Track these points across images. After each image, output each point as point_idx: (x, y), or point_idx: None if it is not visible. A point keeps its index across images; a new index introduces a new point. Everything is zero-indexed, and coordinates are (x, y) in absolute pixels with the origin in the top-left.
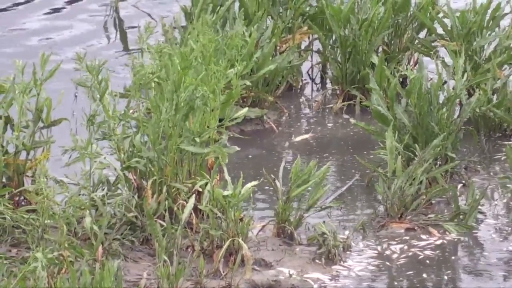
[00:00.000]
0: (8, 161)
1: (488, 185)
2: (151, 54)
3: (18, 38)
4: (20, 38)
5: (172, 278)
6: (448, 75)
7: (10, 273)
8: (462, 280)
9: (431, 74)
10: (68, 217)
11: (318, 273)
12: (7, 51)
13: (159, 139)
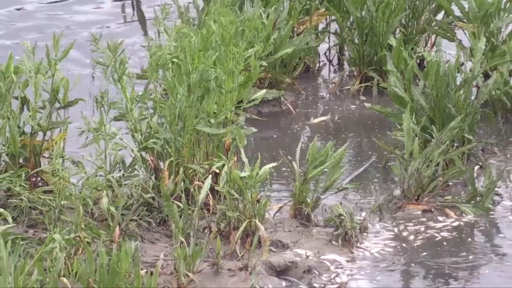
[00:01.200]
0: (25, 142)
1: (505, 167)
2: (167, 35)
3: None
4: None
5: (189, 259)
6: (465, 57)
7: (27, 254)
8: (479, 262)
9: (448, 56)
10: (84, 198)
11: (334, 254)
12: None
13: (175, 120)
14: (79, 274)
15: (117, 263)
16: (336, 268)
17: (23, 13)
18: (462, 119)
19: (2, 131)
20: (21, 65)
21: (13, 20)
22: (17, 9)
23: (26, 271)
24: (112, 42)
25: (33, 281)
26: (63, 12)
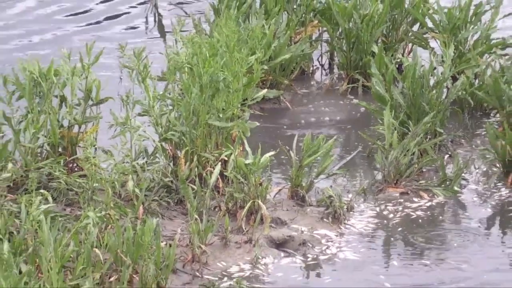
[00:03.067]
0: (63, 134)
1: (470, 156)
2: (183, 43)
3: (69, 28)
4: (70, 30)
5: (202, 234)
6: (437, 62)
7: (65, 229)
8: (448, 236)
9: (422, 62)
10: (113, 181)
11: (325, 230)
12: (58, 42)
13: (190, 116)
14: (109, 245)
15: (141, 237)
16: (326, 242)
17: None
18: (434, 115)
19: (44, 125)
20: (60, 68)
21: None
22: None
23: (64, 243)
24: (137, 49)
25: (70, 252)
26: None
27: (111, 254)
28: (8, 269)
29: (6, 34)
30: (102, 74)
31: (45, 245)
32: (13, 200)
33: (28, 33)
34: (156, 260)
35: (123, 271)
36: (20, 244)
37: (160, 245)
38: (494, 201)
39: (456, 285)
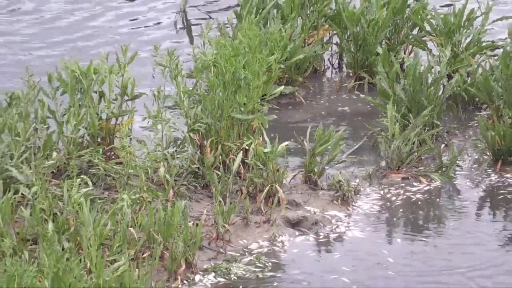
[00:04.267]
0: (102, 125)
1: (464, 145)
2: (210, 45)
3: (110, 31)
4: (111, 32)
5: (225, 214)
6: (434, 62)
7: (103, 210)
8: (444, 216)
9: (422, 61)
10: (146, 168)
11: (335, 211)
12: (98, 44)
13: (215, 109)
14: (142, 225)
15: (171, 217)
16: (336, 221)
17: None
18: (432, 109)
19: (85, 117)
20: (98, 67)
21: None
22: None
23: (102, 223)
24: (170, 49)
25: (108, 231)
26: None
27: (144, 232)
28: (52, 246)
29: (52, 39)
30: (136, 72)
31: (85, 224)
32: (57, 184)
33: (75, 38)
34: (184, 238)
35: (155, 248)
36: (63, 224)
37: (188, 225)
38: (484, 185)
39: (451, 259)
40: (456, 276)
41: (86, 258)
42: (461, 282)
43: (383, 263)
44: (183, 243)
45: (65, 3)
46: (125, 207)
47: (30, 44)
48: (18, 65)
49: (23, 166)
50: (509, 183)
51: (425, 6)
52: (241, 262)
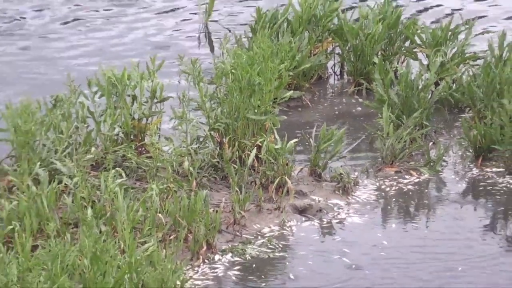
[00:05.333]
0: (134, 124)
1: (449, 143)
2: (228, 55)
3: (138, 42)
4: (141, 42)
5: (241, 202)
6: (424, 70)
7: (135, 198)
8: (432, 204)
9: (413, 70)
10: (172, 161)
11: (337, 200)
12: (130, 54)
13: (233, 111)
14: (169, 211)
15: (194, 204)
16: (338, 209)
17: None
18: (422, 111)
19: (119, 117)
20: (131, 74)
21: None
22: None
23: (134, 209)
24: (193, 59)
25: (139, 216)
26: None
27: (171, 218)
28: (91, 229)
29: (91, 49)
30: (164, 78)
31: (120, 211)
32: (95, 176)
33: (110, 48)
34: (205, 223)
35: (180, 231)
36: (100, 210)
37: (209, 211)
38: (467, 178)
39: (438, 242)
40: (441, 252)
41: (120, 240)
42: (444, 257)
43: (378, 245)
44: (204, 227)
45: (100, 17)
46: (154, 196)
47: (69, 53)
48: (60, 72)
49: (66, 160)
50: (488, 176)
51: (415, 21)
52: (255, 244)
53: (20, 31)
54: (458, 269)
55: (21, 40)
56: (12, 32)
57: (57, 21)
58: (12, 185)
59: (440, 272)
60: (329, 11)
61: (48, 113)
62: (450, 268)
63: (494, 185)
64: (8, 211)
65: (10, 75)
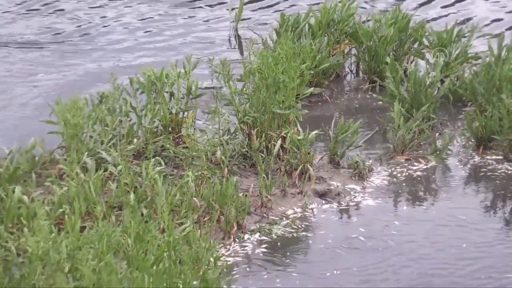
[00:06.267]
0: (172, 118)
1: (453, 134)
2: (255, 56)
3: (177, 44)
4: (178, 44)
5: (268, 187)
6: (431, 69)
7: (173, 184)
8: (438, 187)
9: (421, 68)
10: (206, 151)
11: (353, 185)
12: (171, 52)
13: (260, 106)
14: (203, 195)
15: (226, 189)
16: (354, 193)
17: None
18: (429, 105)
19: (158, 112)
20: (169, 72)
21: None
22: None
23: (172, 194)
24: (223, 59)
25: (176, 200)
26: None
27: (205, 201)
28: (134, 212)
29: (131, 51)
30: (198, 76)
31: (159, 195)
32: (137, 164)
33: (150, 49)
34: (236, 206)
35: (213, 213)
36: (142, 194)
37: (239, 195)
38: (469, 165)
39: (444, 221)
40: (447, 230)
41: (160, 221)
42: (449, 234)
43: (390, 225)
44: (235, 210)
45: (142, 22)
46: (190, 182)
47: (112, 54)
48: (106, 72)
49: (111, 150)
50: (488, 163)
51: (423, 25)
52: (280, 224)
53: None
54: (463, 246)
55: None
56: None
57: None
58: (62, 173)
59: (446, 248)
60: (346, 16)
61: (94, 108)
62: (454, 244)
63: (493, 170)
64: (59, 196)
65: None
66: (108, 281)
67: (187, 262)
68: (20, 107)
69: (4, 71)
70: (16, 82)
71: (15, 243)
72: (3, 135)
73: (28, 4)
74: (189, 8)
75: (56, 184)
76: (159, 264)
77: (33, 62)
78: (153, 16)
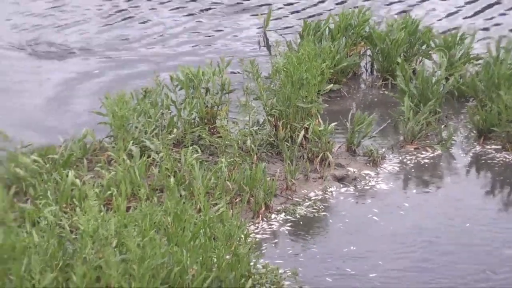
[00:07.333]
0: (207, 111)
1: (457, 126)
2: (281, 56)
3: (212, 45)
4: (212, 46)
5: (292, 172)
6: (437, 68)
7: (208, 169)
8: (443, 173)
9: (428, 68)
10: (238, 140)
11: (368, 170)
12: (202, 51)
13: (286, 100)
14: (235, 179)
15: (255, 174)
16: (369, 178)
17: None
18: (435, 100)
19: (196, 105)
20: (205, 71)
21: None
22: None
23: (207, 178)
24: (252, 59)
25: (211, 183)
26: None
27: (236, 185)
28: (173, 194)
29: (171, 51)
30: (230, 74)
31: (196, 179)
32: (177, 151)
33: (186, 50)
34: (264, 189)
35: (244, 196)
36: (181, 178)
37: (267, 179)
38: (471, 153)
39: (448, 203)
40: (451, 209)
41: (196, 202)
42: (452, 214)
43: (401, 206)
44: (263, 192)
45: (183, 28)
46: (223, 167)
47: (153, 56)
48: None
49: (153, 139)
50: (488, 152)
51: (430, 29)
52: (303, 205)
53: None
54: (466, 225)
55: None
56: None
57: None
58: (111, 159)
59: (449, 226)
60: (362, 21)
61: (139, 102)
62: (458, 224)
63: (493, 159)
64: (108, 180)
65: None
66: (150, 255)
67: (220, 238)
68: (75, 100)
69: (73, 72)
70: (76, 80)
71: (68, 222)
72: (59, 125)
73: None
74: (223, 17)
75: (105, 169)
76: (196, 240)
77: (93, 64)
78: (194, 24)
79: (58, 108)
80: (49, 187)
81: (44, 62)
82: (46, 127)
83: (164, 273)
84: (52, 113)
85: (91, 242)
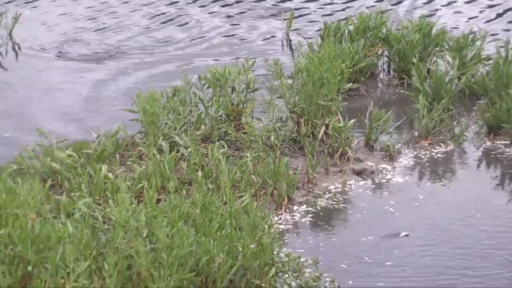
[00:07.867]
0: (233, 108)
1: (469, 122)
2: (303, 56)
3: (237, 47)
4: (238, 47)
5: (313, 166)
6: (449, 68)
7: (234, 163)
8: (455, 167)
9: (441, 68)
10: (262, 136)
11: (385, 165)
12: (232, 55)
13: (307, 98)
14: (259, 173)
15: (278, 168)
16: (385, 172)
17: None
18: (448, 98)
19: (222, 103)
20: (231, 70)
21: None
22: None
23: (233, 172)
24: (275, 60)
25: (237, 177)
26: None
27: (261, 178)
28: (201, 187)
29: (201, 52)
30: (255, 74)
31: (223, 172)
32: (204, 146)
33: (214, 52)
34: (287, 182)
35: (268, 188)
36: (208, 172)
37: (289, 173)
38: (482, 148)
39: (460, 195)
40: (463, 201)
41: (223, 194)
42: (464, 207)
43: (415, 198)
44: (286, 185)
45: (210, 32)
46: (248, 162)
47: (182, 58)
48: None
49: (182, 135)
50: (498, 147)
51: (444, 31)
52: (324, 198)
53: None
54: (477, 216)
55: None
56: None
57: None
58: (141, 154)
59: (459, 219)
60: (379, 24)
61: (169, 100)
62: (468, 215)
63: (502, 153)
64: (139, 173)
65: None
66: (179, 245)
67: (245, 229)
68: (109, 99)
69: (108, 73)
70: (110, 80)
71: (101, 213)
72: (93, 122)
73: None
74: (248, 20)
75: (136, 163)
76: (222, 230)
77: (127, 65)
78: (220, 25)
79: (92, 106)
80: (83, 180)
81: (82, 64)
82: (81, 124)
83: (192, 261)
84: (87, 111)
85: (123, 233)
